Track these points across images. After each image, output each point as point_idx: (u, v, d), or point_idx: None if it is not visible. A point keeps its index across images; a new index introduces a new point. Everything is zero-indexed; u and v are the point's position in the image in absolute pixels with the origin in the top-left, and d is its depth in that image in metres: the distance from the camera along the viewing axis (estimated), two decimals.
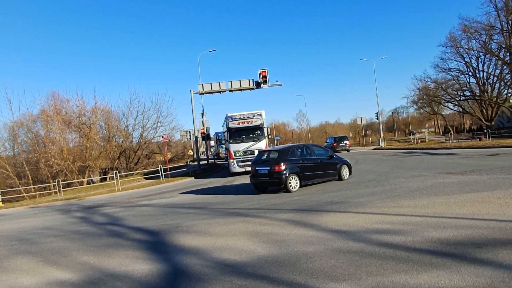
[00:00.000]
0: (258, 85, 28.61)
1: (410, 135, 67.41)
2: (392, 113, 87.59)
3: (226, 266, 5.16)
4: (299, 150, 13.23)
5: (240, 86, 28.91)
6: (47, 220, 12.19)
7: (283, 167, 11.94)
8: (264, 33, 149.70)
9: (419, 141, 44.96)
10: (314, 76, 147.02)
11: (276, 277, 4.48)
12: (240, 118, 22.45)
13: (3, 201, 20.00)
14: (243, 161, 21.93)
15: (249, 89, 29.11)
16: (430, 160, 19.65)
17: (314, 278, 4.29)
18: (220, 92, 29.12)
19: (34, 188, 27.20)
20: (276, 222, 7.58)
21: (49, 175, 31.78)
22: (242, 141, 22.22)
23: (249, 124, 22.31)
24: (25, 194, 26.22)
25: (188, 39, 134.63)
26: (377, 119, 46.40)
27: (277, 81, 29.05)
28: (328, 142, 41.06)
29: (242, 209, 9.69)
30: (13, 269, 6.23)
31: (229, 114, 23.00)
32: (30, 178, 32.25)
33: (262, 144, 21.91)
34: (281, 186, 12.16)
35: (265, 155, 13.31)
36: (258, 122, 22.23)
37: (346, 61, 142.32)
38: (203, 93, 29.07)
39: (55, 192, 23.30)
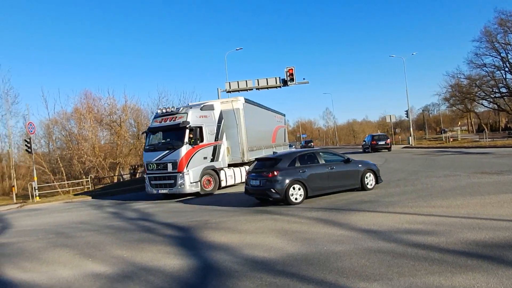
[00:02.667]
0: (285, 83, 28.47)
1: (441, 133, 65.25)
2: (423, 110, 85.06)
3: (255, 263, 5.20)
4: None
5: (267, 84, 28.87)
6: (81, 214, 12.66)
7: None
8: (291, 31, 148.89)
9: (451, 140, 43.47)
10: (342, 73, 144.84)
11: (305, 275, 4.49)
12: (163, 114, 14.98)
13: (39, 196, 20.91)
14: (156, 179, 14.41)
15: (276, 87, 29.01)
16: (463, 159, 19.02)
17: (345, 277, 4.26)
18: (246, 90, 29.20)
19: (68, 183, 28.29)
20: (304, 220, 7.57)
21: (81, 171, 32.92)
22: (154, 149, 14.64)
23: (169, 123, 14.45)
24: (59, 190, 27.28)
25: (215, 38, 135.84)
26: (407, 117, 45.30)
27: (304, 79, 28.80)
28: (366, 141, 38.91)
29: (269, 207, 9.72)
30: (52, 261, 6.52)
31: (158, 109, 16.26)
32: (64, 174, 33.52)
33: (176, 155, 13.70)
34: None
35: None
36: (182, 119, 14.06)
37: (374, 58, 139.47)
38: (230, 91, 29.25)
39: (88, 188, 24.13)
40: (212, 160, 14.90)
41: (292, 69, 28.00)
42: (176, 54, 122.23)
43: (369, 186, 11.05)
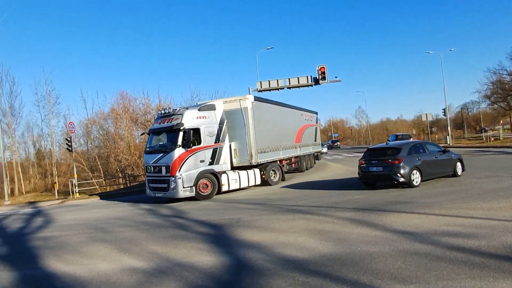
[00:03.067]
0: (316, 81, 28.19)
1: (481, 132, 62.41)
2: (461, 109, 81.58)
3: (288, 262, 5.20)
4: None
5: (298, 83, 28.69)
6: (118, 211, 13.10)
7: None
8: (322, 29, 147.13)
9: (492, 139, 41.49)
10: (375, 71, 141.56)
11: (339, 276, 4.44)
12: (162, 115, 14.61)
13: (79, 192, 21.85)
14: (153, 181, 14.17)
15: (307, 85, 28.77)
16: (505, 160, 18.12)
17: (379, 279, 4.18)
18: (277, 89, 29.15)
19: (105, 181, 29.39)
20: (337, 220, 7.48)
21: (118, 169, 34.09)
22: (152, 151, 14.32)
23: (166, 124, 13.98)
24: (97, 186, 28.38)
25: (246, 38, 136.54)
26: (444, 115, 43.66)
27: (336, 77, 28.37)
28: (390, 140, 39.32)
29: (301, 207, 9.67)
30: (92, 255, 6.80)
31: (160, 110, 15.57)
32: (102, 172, 34.84)
33: (169, 158, 13.22)
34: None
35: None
36: (177, 121, 13.53)
37: (409, 54, 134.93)
38: (261, 91, 29.32)
39: (124, 185, 24.94)
40: (211, 163, 14.09)
41: (324, 67, 27.68)
42: (208, 55, 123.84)
43: (459, 173, 12.89)
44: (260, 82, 29.30)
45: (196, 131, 13.73)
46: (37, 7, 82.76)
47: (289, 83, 28.81)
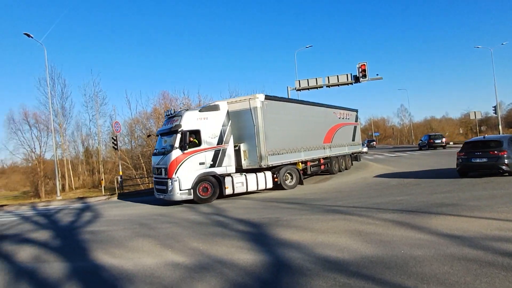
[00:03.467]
0: (356, 79, 27.61)
1: None
2: None
3: (328, 262, 5.14)
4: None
5: (338, 81, 28.24)
6: (161, 207, 13.51)
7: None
8: (363, 26, 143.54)
9: None
10: (419, 68, 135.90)
11: (382, 279, 4.33)
12: (167, 116, 14.57)
13: (123, 189, 22.79)
14: (157, 183, 14.16)
15: (347, 84, 28.25)
16: None
17: (425, 284, 4.03)
18: (316, 87, 28.85)
19: (148, 178, 30.40)
20: (379, 222, 7.28)
21: None
22: (157, 153, 14.30)
23: (168, 126, 13.90)
24: (140, 184, 29.46)
25: (284, 37, 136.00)
26: (495, 113, 41.24)
27: (377, 74, 27.66)
28: (422, 140, 42.50)
29: (341, 207, 9.51)
30: (137, 250, 7.07)
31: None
32: (145, 170, 36.09)
33: (167, 160, 13.07)
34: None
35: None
36: (176, 123, 13.33)
37: (456, 49, 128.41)
38: (299, 89, 29.16)
39: None
40: (212, 166, 13.54)
41: (364, 64, 27.08)
42: (247, 54, 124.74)
43: None
44: (299, 81, 29.15)
45: (196, 132, 13.39)
46: (86, 12, 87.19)
47: (328, 82, 28.42)
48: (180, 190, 12.94)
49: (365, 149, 37.94)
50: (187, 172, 13.02)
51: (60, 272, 6.17)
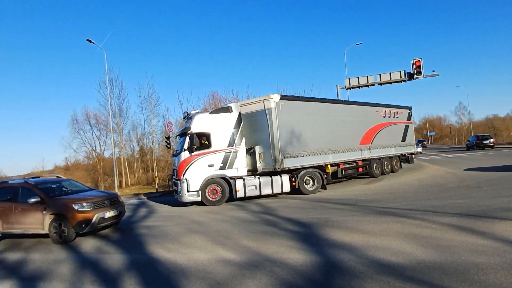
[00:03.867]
0: (410, 76, 26.43)
1: None
2: None
3: (381, 266, 4.99)
4: None
5: (390, 78, 27.21)
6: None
7: None
8: (416, 19, 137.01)
9: None
10: (479, 63, 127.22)
11: (440, 285, 4.14)
12: (184, 118, 14.92)
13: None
14: (174, 184, 14.52)
15: (400, 81, 27.13)
16: None
17: None
18: (367, 86, 28.01)
19: None
20: (436, 225, 6.92)
21: None
22: (174, 154, 14.63)
23: (182, 128, 14.44)
24: None
25: (334, 34, 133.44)
26: None
27: (433, 71, 26.26)
28: (470, 140, 42.68)
29: (394, 209, 9.17)
30: (190, 245, 7.32)
31: None
32: None
33: (177, 162, 13.36)
34: None
35: None
36: (187, 125, 13.67)
37: None
38: (349, 88, 28.49)
39: None
40: (222, 168, 13.41)
41: (419, 61, 25.90)
42: (295, 52, 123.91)
43: None
44: (349, 79, 28.51)
45: (206, 135, 13.41)
46: (141, 17, 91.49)
47: (380, 79, 27.52)
48: (188, 191, 13.07)
49: (419, 149, 36.29)
50: (195, 174, 13.10)
51: (119, 263, 6.56)
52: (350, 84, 28.34)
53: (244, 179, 13.54)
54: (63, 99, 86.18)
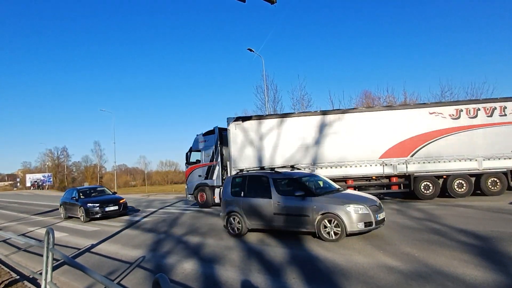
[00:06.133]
0: None
1: None
2: None
3: None
4: None
5: None
6: None
7: None
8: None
9: None
10: None
11: None
12: None
13: None
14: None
15: None
16: None
17: None
18: None
19: None
20: None
21: None
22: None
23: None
24: None
25: None
26: None
27: None
28: None
29: None
30: (347, 247, 7.23)
31: None
32: None
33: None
34: None
35: None
36: (191, 144, 18.69)
37: None
38: None
39: None
40: (206, 178, 17.31)
41: None
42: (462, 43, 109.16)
43: None
44: None
45: (199, 152, 17.94)
46: (293, 20, 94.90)
47: None
48: (188, 194, 18.28)
49: None
50: (191, 181, 18.02)
51: (281, 256, 6.96)
52: None
53: (220, 188, 15.64)
54: (229, 103, 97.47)
